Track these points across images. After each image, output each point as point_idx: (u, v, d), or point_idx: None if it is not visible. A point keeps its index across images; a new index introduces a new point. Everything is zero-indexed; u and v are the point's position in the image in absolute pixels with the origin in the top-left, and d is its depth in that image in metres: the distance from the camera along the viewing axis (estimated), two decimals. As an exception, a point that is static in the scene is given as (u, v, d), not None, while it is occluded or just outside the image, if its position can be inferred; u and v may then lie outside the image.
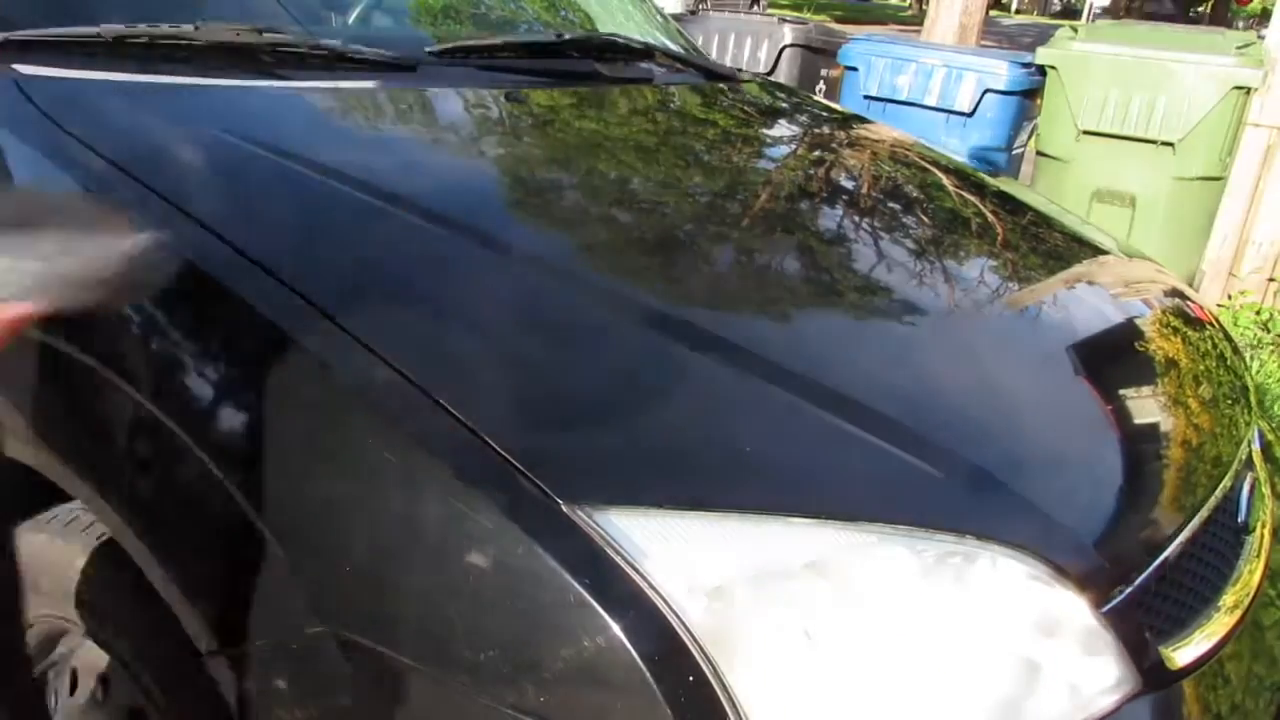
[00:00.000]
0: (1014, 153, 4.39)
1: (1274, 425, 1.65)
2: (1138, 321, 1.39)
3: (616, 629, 0.72)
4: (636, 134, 1.57)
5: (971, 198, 1.69)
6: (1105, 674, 0.87)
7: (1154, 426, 1.16)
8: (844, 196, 1.56)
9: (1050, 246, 1.56)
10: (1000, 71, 4.09)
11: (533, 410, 0.85)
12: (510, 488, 0.76)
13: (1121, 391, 1.17)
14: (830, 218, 1.44)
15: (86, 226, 0.68)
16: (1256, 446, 1.37)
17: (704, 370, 0.93)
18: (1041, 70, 3.88)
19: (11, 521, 1.05)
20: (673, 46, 2.05)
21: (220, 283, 0.91)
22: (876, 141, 1.90)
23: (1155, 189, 3.69)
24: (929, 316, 1.17)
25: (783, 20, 5.45)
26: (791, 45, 5.26)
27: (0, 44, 1.16)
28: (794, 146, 1.84)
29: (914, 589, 0.81)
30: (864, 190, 1.60)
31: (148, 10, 1.33)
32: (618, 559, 0.75)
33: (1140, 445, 1.11)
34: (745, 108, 1.92)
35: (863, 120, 2.12)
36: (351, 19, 1.77)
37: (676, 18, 5.08)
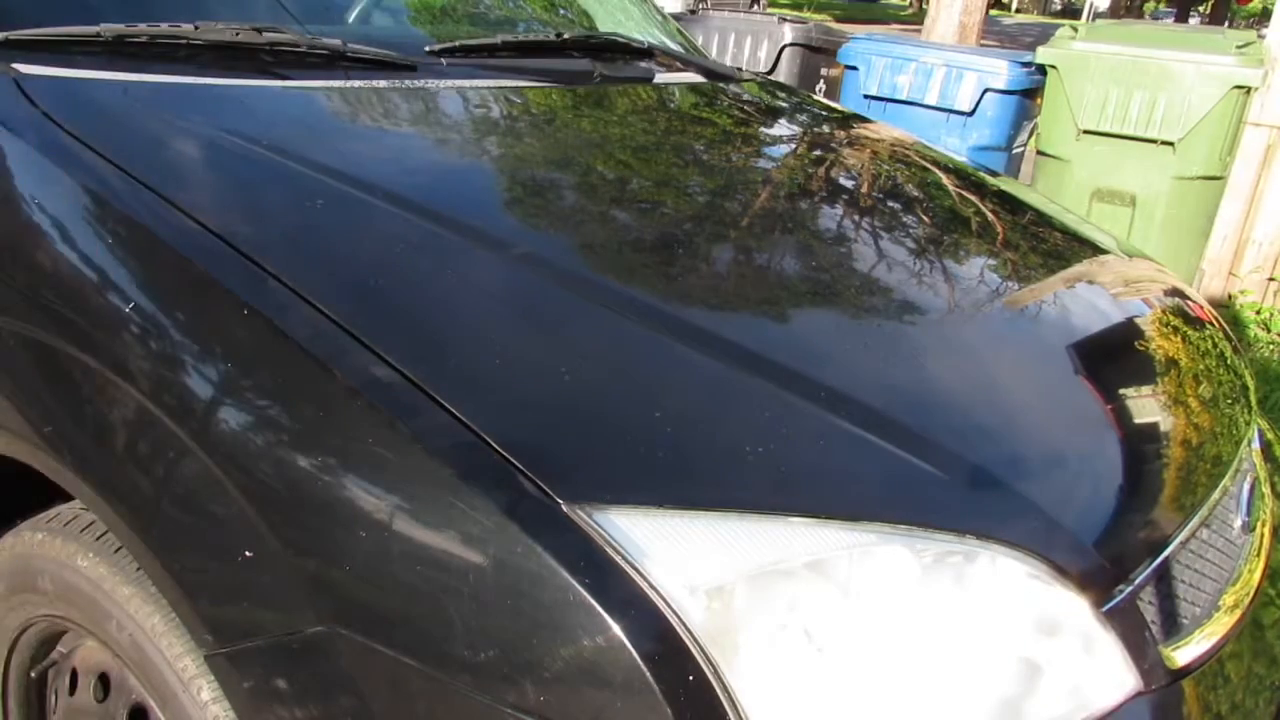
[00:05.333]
0: (1014, 152, 4.39)
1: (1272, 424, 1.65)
2: (1138, 321, 1.39)
3: (616, 629, 0.72)
4: (636, 133, 1.57)
5: (971, 197, 1.69)
6: (1105, 674, 0.87)
7: (1154, 426, 1.16)
8: (844, 196, 1.56)
9: (1050, 246, 1.56)
10: (1000, 71, 4.09)
11: (533, 409, 0.85)
12: (510, 487, 0.76)
13: (1121, 391, 1.17)
14: (830, 217, 1.44)
15: None
16: (1256, 446, 1.37)
17: (704, 370, 0.93)
18: (1042, 70, 3.88)
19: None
20: (673, 46, 2.05)
21: (220, 281, 0.91)
22: (876, 141, 1.90)
23: (1155, 189, 3.69)
24: (929, 316, 1.17)
25: (783, 19, 5.44)
26: (792, 44, 5.26)
27: (0, 43, 1.16)
28: (794, 146, 1.84)
29: (914, 589, 0.81)
30: (864, 189, 1.60)
31: (148, 10, 1.33)
32: (618, 559, 0.75)
33: (1140, 445, 1.11)
34: (745, 107, 1.92)
35: (863, 119, 2.12)
36: (351, 18, 1.77)
37: (676, 17, 5.08)
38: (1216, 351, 1.41)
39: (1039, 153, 4.04)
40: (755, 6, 10.67)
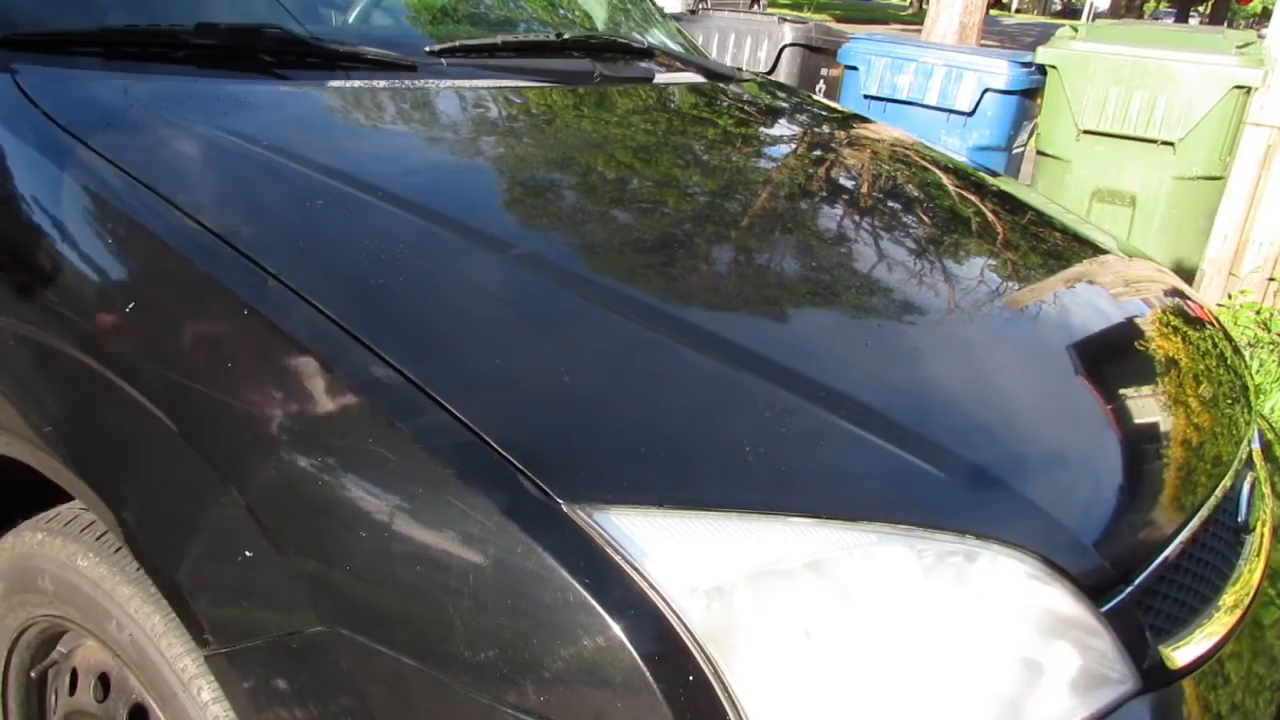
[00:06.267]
0: (1014, 152, 4.39)
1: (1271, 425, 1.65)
2: (1138, 321, 1.39)
3: (616, 629, 0.72)
4: (637, 133, 1.57)
5: (971, 197, 1.69)
6: (1105, 674, 0.87)
7: (1154, 426, 1.16)
8: (844, 196, 1.56)
9: (1050, 246, 1.56)
10: (1000, 71, 4.10)
11: (533, 409, 0.85)
12: (510, 487, 0.76)
13: (1122, 391, 1.17)
14: (830, 217, 1.44)
15: None
16: (1256, 446, 1.37)
17: (704, 369, 0.93)
18: (1042, 70, 3.89)
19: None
20: (673, 46, 2.05)
21: (219, 282, 0.91)
22: (876, 141, 1.90)
23: (1155, 189, 3.69)
24: (929, 316, 1.17)
25: (783, 19, 5.45)
26: (792, 44, 5.27)
27: (0, 43, 1.16)
28: (794, 146, 1.84)
29: (914, 588, 0.81)
30: (864, 190, 1.60)
31: (148, 10, 1.33)
32: (618, 559, 0.75)
33: (1140, 444, 1.11)
34: (745, 107, 1.92)
35: (863, 119, 2.12)
36: (352, 18, 1.77)
37: (677, 17, 5.09)
38: (1216, 351, 1.41)
39: (1039, 153, 4.04)
40: (755, 6, 10.67)
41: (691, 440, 0.85)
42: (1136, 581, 0.94)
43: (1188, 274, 3.82)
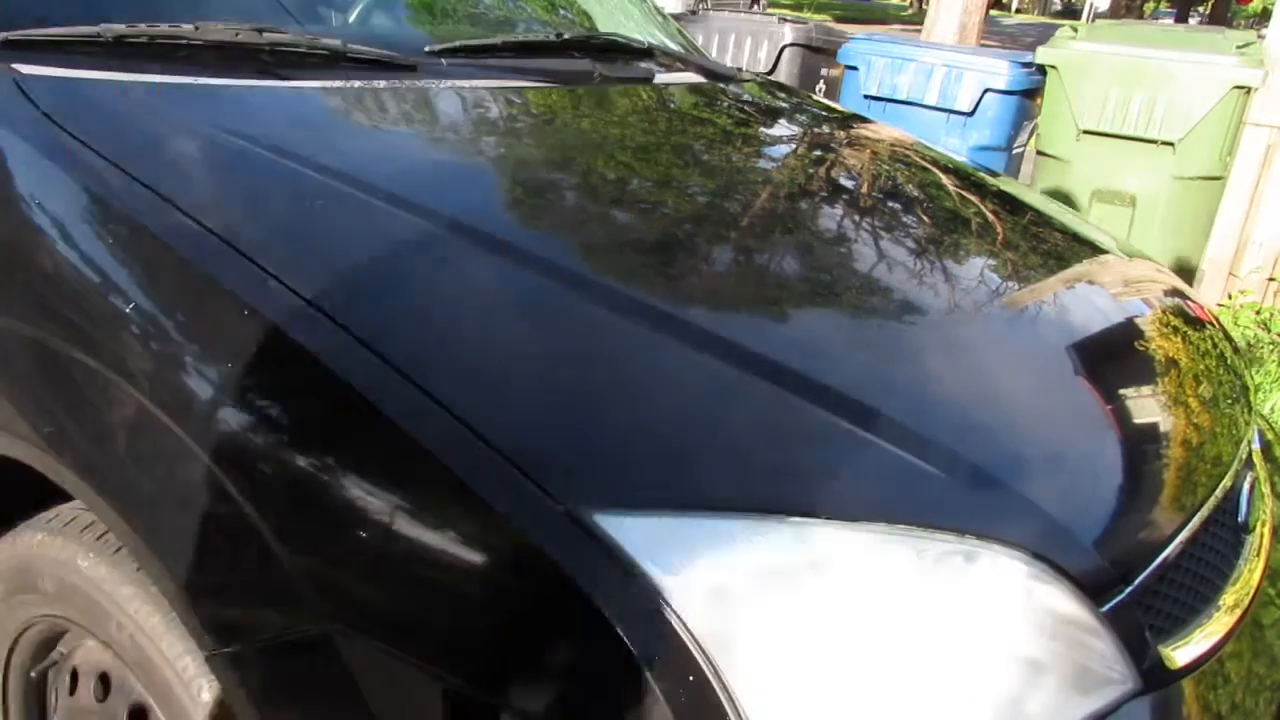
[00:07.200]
0: (1014, 153, 4.39)
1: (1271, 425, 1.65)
2: (1138, 321, 1.39)
3: (616, 629, 0.72)
4: (637, 133, 1.57)
5: (971, 197, 1.69)
6: (1105, 673, 0.87)
7: (1154, 426, 1.16)
8: (844, 196, 1.56)
9: (1050, 246, 1.56)
10: (1000, 71, 4.10)
11: (533, 410, 0.85)
12: (510, 488, 0.76)
13: (1121, 391, 1.17)
14: (830, 217, 1.44)
15: None
16: (1256, 446, 1.37)
17: (704, 370, 0.93)
18: (1042, 70, 3.89)
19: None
20: (673, 46, 2.05)
21: (219, 282, 0.91)
22: (877, 141, 1.90)
23: (1155, 189, 3.69)
24: (929, 316, 1.17)
25: (783, 20, 5.45)
26: (792, 45, 5.27)
27: (0, 43, 1.16)
28: (794, 146, 1.84)
29: (914, 588, 0.81)
30: (864, 190, 1.60)
31: (148, 10, 1.33)
32: (618, 559, 0.75)
33: (1140, 444, 1.11)
34: (745, 107, 1.92)
35: (863, 119, 2.12)
36: (352, 18, 1.77)
37: (677, 17, 5.09)
38: (1216, 351, 1.41)
39: (1039, 153, 4.04)
40: (755, 7, 10.67)
41: (692, 440, 0.85)
42: (1136, 581, 0.94)
43: (1188, 274, 3.82)
